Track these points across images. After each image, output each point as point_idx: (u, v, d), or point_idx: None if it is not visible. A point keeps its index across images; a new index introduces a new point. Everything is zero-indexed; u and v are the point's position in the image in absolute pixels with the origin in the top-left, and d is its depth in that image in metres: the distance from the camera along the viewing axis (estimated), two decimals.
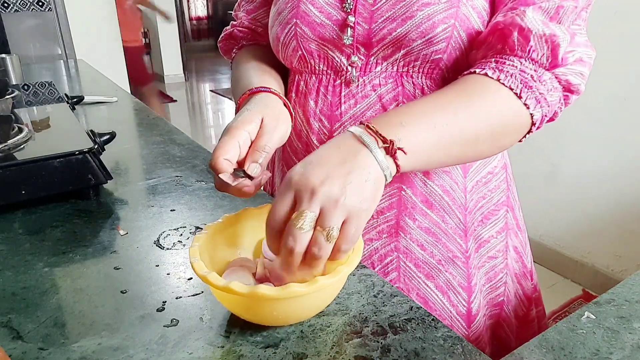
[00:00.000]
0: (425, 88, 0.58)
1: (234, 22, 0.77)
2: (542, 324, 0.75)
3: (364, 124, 0.44)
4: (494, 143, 0.51)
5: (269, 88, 0.58)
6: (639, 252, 1.89)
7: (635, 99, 1.80)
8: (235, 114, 0.58)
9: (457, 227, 0.63)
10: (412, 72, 0.58)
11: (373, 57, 0.58)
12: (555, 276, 2.16)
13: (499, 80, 0.49)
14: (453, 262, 0.63)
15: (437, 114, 0.46)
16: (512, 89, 0.49)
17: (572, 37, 0.49)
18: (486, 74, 0.50)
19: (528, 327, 0.72)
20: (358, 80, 0.60)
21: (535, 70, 0.50)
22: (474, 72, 0.51)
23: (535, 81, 0.49)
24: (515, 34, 0.50)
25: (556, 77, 0.50)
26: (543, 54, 0.49)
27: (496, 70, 0.50)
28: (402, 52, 0.56)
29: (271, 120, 0.52)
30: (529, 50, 0.49)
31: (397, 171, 0.44)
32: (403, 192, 0.61)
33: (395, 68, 0.58)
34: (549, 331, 0.45)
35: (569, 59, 0.49)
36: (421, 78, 0.58)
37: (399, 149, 0.43)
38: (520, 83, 0.49)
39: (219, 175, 0.47)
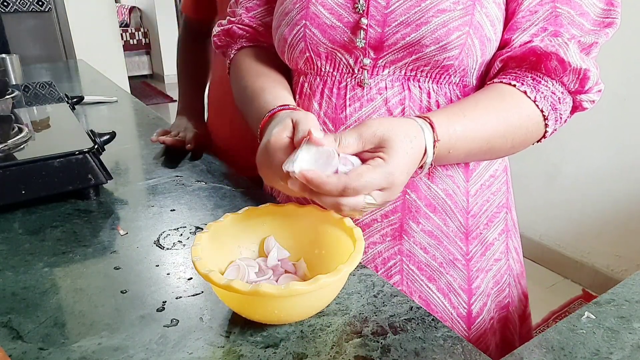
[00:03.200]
0: (432, 92, 0.58)
1: (232, 19, 0.75)
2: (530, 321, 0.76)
3: (431, 127, 0.49)
4: (513, 148, 0.57)
5: (287, 105, 0.58)
6: (639, 252, 1.89)
7: (635, 99, 1.80)
8: (259, 135, 0.59)
9: (458, 230, 0.63)
10: (420, 76, 0.58)
11: (381, 60, 0.58)
12: (555, 276, 2.16)
13: (535, 101, 0.54)
14: (454, 264, 0.63)
15: (477, 111, 0.53)
16: (542, 112, 0.55)
17: (598, 71, 0.55)
18: (525, 92, 0.54)
19: (526, 323, 0.73)
20: (369, 82, 0.59)
21: (562, 93, 0.55)
22: (513, 84, 0.55)
23: (560, 103, 0.55)
24: (555, 62, 0.53)
25: (574, 100, 0.56)
26: (572, 82, 0.54)
27: (534, 90, 0.55)
28: (414, 57, 0.56)
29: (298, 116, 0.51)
30: (562, 76, 0.54)
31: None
32: (407, 196, 0.61)
33: (403, 72, 0.58)
34: (549, 331, 0.45)
35: (593, 90, 0.56)
36: (428, 82, 0.58)
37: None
38: (550, 105, 0.55)
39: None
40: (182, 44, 1.27)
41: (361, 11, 0.57)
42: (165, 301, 0.51)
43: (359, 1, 0.57)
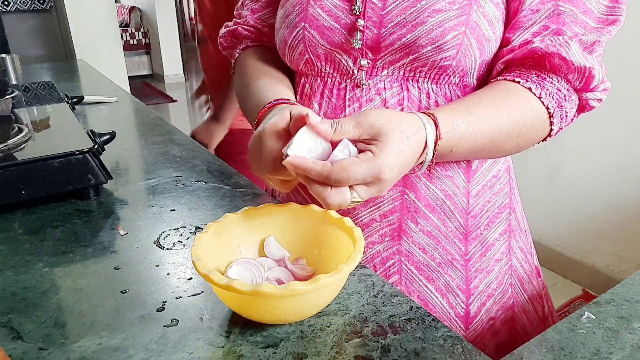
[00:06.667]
0: (431, 92, 0.58)
1: (238, 20, 0.76)
2: (554, 319, 0.75)
3: (435, 124, 0.49)
4: (518, 146, 0.56)
5: (287, 100, 0.58)
6: (639, 252, 1.89)
7: (635, 99, 1.80)
8: (255, 126, 0.59)
9: (457, 231, 0.63)
10: (419, 77, 0.58)
11: (380, 61, 0.58)
12: (555, 276, 2.16)
13: (540, 97, 0.54)
14: (452, 264, 0.63)
15: (482, 108, 0.53)
16: (548, 108, 0.54)
17: (603, 69, 0.54)
18: (530, 89, 0.54)
19: (545, 324, 0.72)
20: (366, 83, 0.59)
21: (568, 90, 0.55)
22: (517, 81, 0.54)
23: (566, 100, 0.55)
24: (557, 60, 0.53)
25: (580, 98, 0.56)
26: (577, 80, 0.54)
27: (538, 86, 0.54)
28: (411, 57, 0.56)
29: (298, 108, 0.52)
30: (567, 73, 0.54)
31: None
32: (406, 196, 0.61)
33: (401, 72, 0.58)
34: (549, 331, 0.45)
35: (599, 88, 0.55)
36: (427, 83, 0.58)
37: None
38: (555, 102, 0.54)
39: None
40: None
41: (358, 12, 0.57)
42: (165, 301, 0.51)
43: (356, 3, 0.57)
